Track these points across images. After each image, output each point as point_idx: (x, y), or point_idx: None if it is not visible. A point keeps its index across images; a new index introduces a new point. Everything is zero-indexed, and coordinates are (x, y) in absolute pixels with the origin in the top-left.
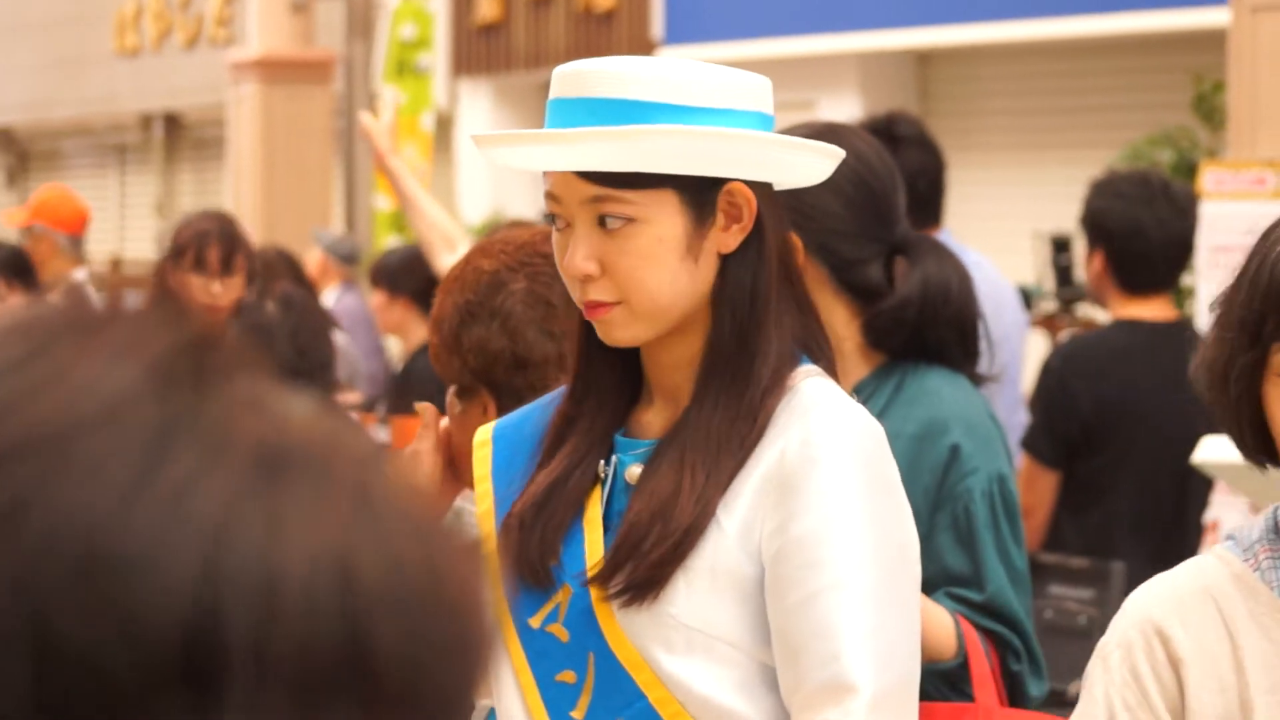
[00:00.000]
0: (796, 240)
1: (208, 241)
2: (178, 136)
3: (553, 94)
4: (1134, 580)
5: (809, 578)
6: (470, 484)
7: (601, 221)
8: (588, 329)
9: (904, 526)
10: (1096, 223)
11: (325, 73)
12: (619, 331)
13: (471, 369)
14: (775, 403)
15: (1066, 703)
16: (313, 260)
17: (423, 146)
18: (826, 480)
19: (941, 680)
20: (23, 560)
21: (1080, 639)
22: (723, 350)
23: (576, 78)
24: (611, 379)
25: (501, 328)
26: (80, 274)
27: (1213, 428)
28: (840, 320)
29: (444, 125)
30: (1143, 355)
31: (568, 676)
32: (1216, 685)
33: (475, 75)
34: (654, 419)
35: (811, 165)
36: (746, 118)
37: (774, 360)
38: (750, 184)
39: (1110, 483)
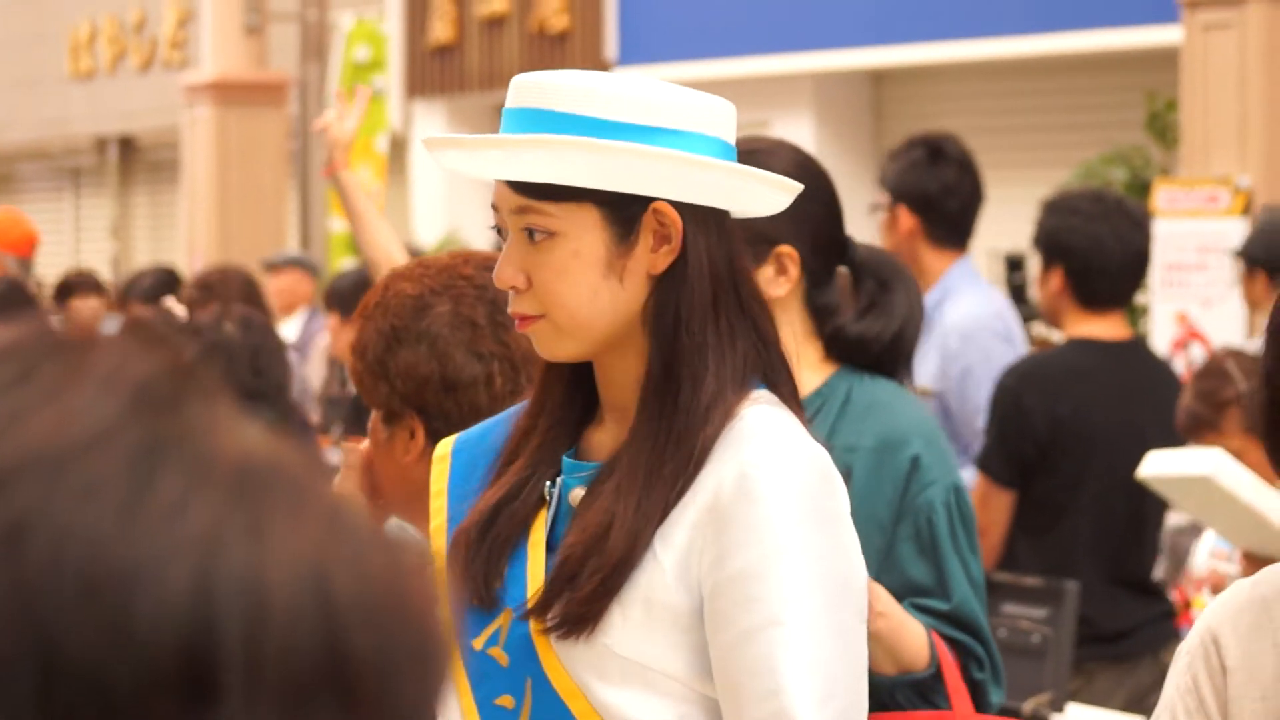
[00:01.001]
0: (792, 252)
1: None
2: (132, 159)
3: (507, 103)
4: (1089, 599)
5: (747, 614)
6: (394, 511)
7: (529, 233)
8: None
9: (847, 559)
10: (1054, 241)
11: (279, 95)
12: (546, 346)
13: (400, 394)
14: (714, 432)
15: None
16: (274, 288)
17: (377, 168)
18: (764, 514)
19: (913, 690)
20: (27, 580)
21: (1034, 657)
22: (654, 376)
23: (517, 88)
24: (563, 395)
25: (430, 351)
26: None
27: (1169, 446)
28: (801, 333)
29: (398, 147)
30: (1098, 374)
31: (506, 701)
32: (1258, 693)
33: (430, 96)
34: (604, 439)
35: (757, 194)
36: (692, 139)
37: (711, 388)
38: (683, 206)
39: (1066, 502)
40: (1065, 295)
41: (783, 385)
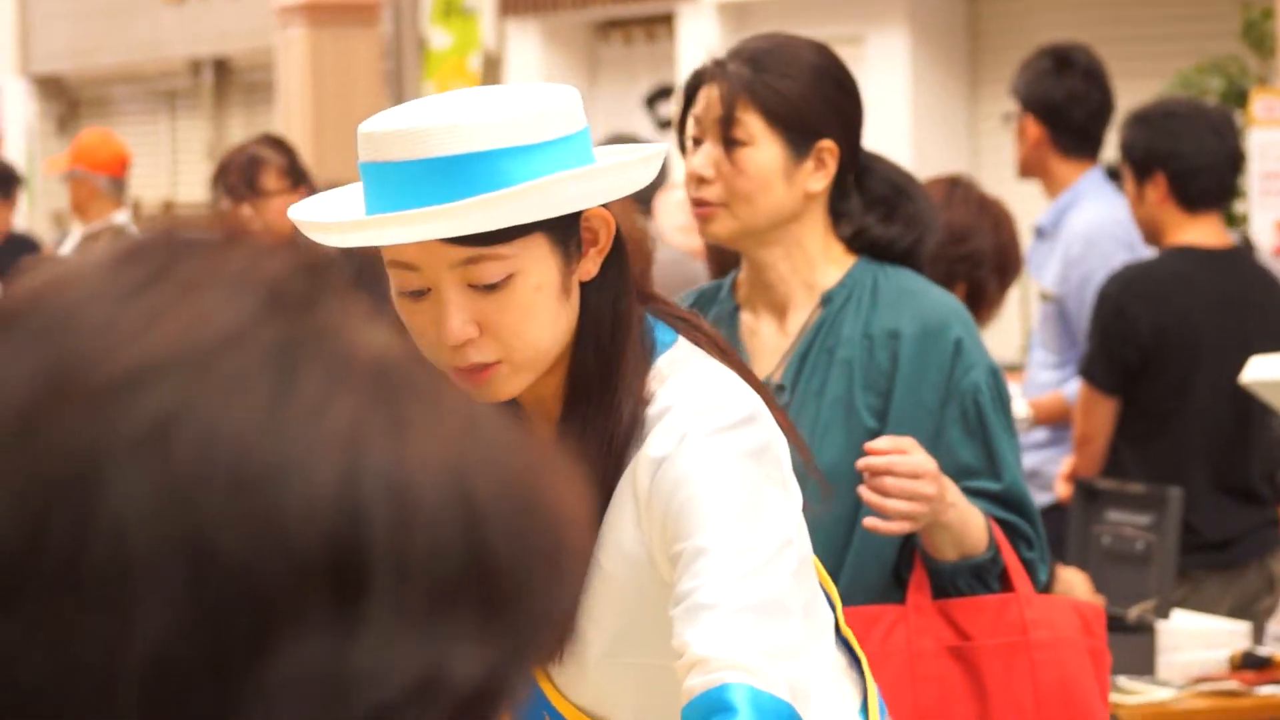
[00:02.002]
0: (833, 147)
1: (230, 166)
2: (227, 81)
3: (378, 156)
4: (1194, 507)
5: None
6: None
7: (473, 283)
8: None
9: (762, 494)
10: (1152, 148)
11: (372, 15)
12: (502, 389)
13: None
14: (631, 426)
15: (1126, 628)
16: None
17: (471, 87)
18: (694, 491)
19: (972, 575)
20: (176, 476)
21: (1138, 565)
22: (585, 383)
23: (406, 138)
24: None
25: None
26: (121, 216)
27: (1273, 352)
28: (823, 228)
29: (492, 66)
30: (1201, 281)
31: None
32: None
33: (523, 15)
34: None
35: (646, 171)
36: (579, 139)
37: (634, 385)
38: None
39: (1171, 410)
40: (1167, 203)
41: (677, 319)
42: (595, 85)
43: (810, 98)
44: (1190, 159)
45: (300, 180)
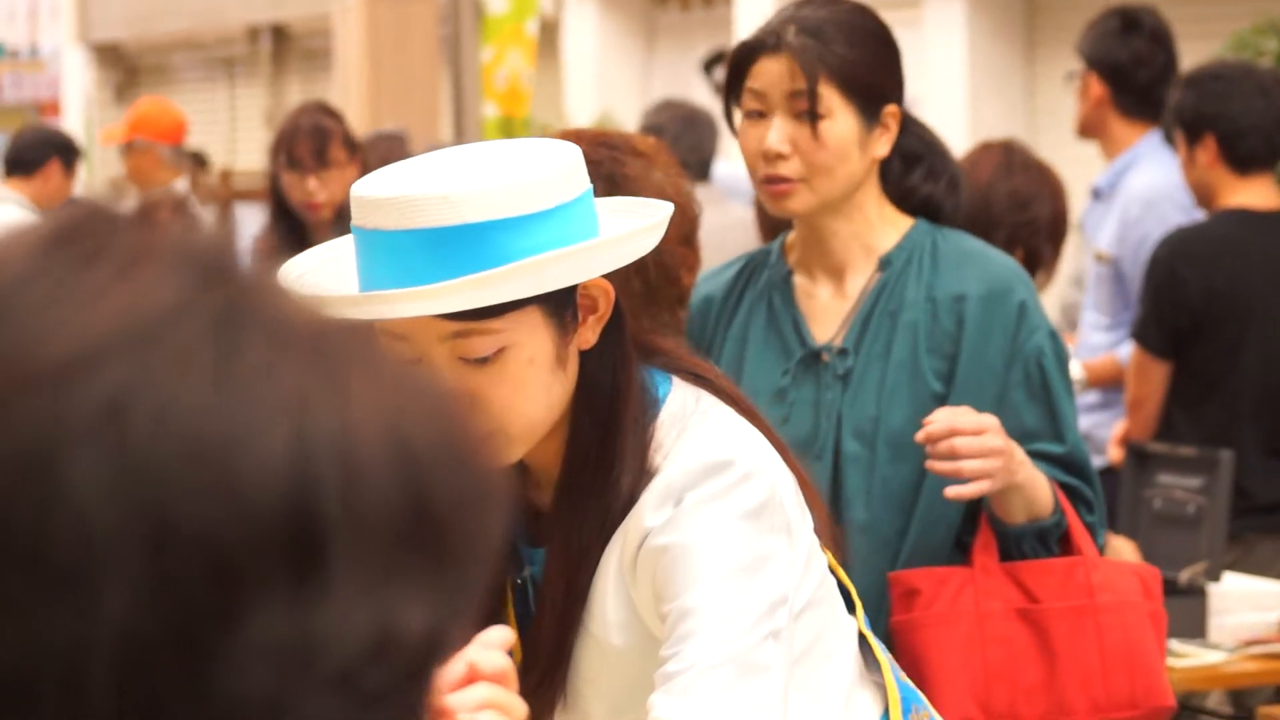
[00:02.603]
0: (896, 111)
1: (297, 137)
2: (285, 48)
3: (368, 223)
4: (1246, 471)
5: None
6: None
7: (464, 356)
8: None
9: (759, 544)
10: (1201, 110)
11: None
12: (498, 460)
13: None
14: (631, 499)
15: (1177, 591)
16: None
17: (528, 53)
18: (688, 552)
19: (1036, 539)
20: (132, 454)
21: (1189, 528)
22: (583, 453)
23: (396, 207)
24: None
25: None
26: (180, 184)
27: None
28: (876, 190)
29: (549, 31)
30: (1253, 244)
31: None
32: None
33: None
34: (548, 507)
35: (649, 240)
36: (580, 206)
37: (633, 458)
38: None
39: (1223, 373)
40: (1217, 165)
41: (675, 364)
42: (652, 51)
43: (876, 65)
44: (1238, 120)
45: (355, 150)
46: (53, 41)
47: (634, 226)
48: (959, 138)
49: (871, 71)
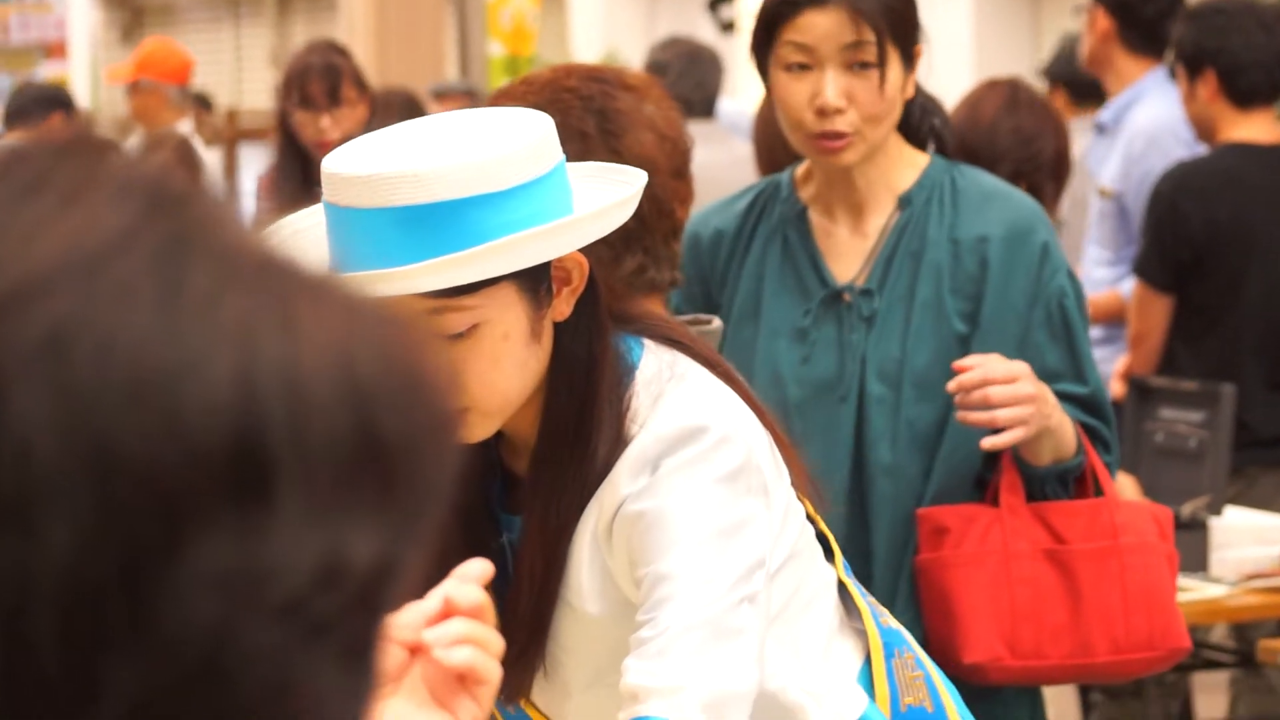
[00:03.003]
0: (920, 48)
1: (310, 76)
2: None
3: (339, 200)
4: (1248, 404)
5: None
6: None
7: (439, 331)
8: None
9: (738, 506)
10: (1201, 44)
11: None
12: (471, 434)
13: None
14: (607, 467)
15: (1179, 525)
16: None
17: None
18: (665, 519)
19: (1058, 481)
20: (76, 386)
21: (1191, 461)
22: (559, 424)
23: (368, 185)
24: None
25: None
26: (185, 125)
27: None
28: (895, 132)
29: None
30: (1254, 178)
31: None
32: None
33: None
34: (526, 474)
35: (621, 214)
36: (553, 179)
37: (610, 428)
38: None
39: (1224, 307)
40: (1217, 99)
41: (651, 330)
42: None
43: (913, 5)
44: (1238, 54)
45: (365, 88)
46: None
47: (607, 201)
48: (965, 76)
49: (912, 12)
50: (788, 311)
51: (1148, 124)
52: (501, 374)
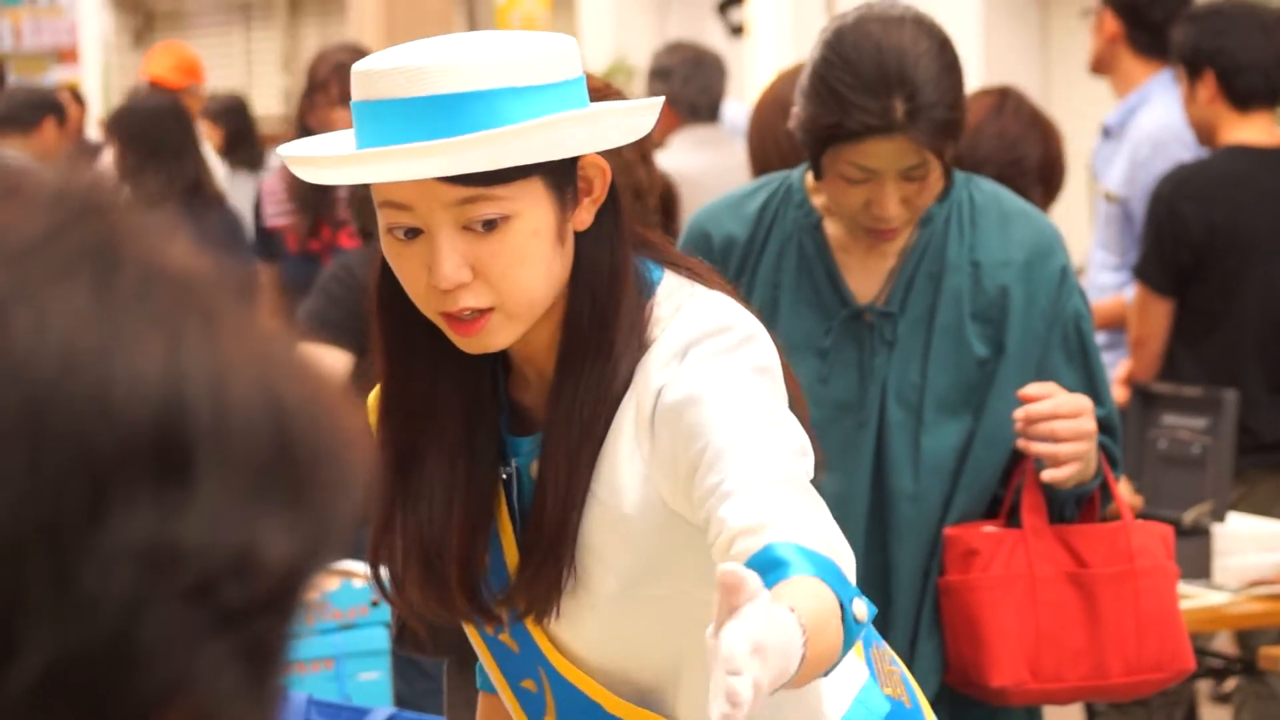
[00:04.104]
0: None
1: (345, 73)
2: None
3: (373, 94)
4: (1250, 409)
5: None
6: None
7: (480, 224)
8: (399, 336)
9: (772, 396)
10: (1200, 45)
11: None
12: (494, 340)
13: None
14: (629, 376)
15: (1182, 532)
16: None
17: None
18: (699, 405)
19: (1076, 504)
20: (13, 355)
21: (1194, 468)
22: (581, 334)
23: (403, 75)
24: (440, 385)
25: None
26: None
27: None
28: None
29: None
30: (1254, 180)
31: (529, 685)
32: None
33: None
34: (535, 400)
35: (647, 118)
36: (576, 85)
37: (630, 338)
38: (603, 152)
39: (1225, 310)
40: (1217, 101)
41: (668, 259)
42: None
43: (963, 107)
44: (1236, 56)
45: None
46: None
47: (630, 105)
48: (973, 77)
49: (962, 112)
50: (807, 327)
51: (1153, 128)
52: (529, 271)
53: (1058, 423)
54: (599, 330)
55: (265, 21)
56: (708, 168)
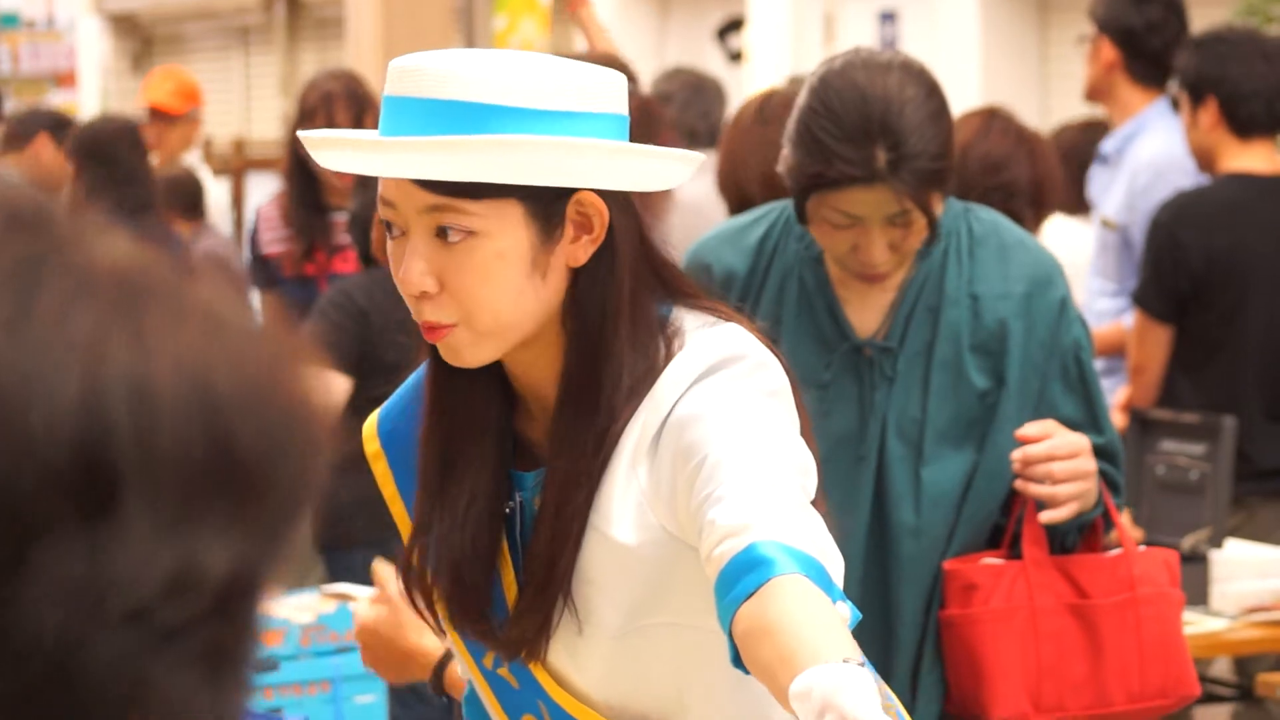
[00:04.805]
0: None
1: (335, 102)
2: (299, 16)
3: (389, 90)
4: (1249, 436)
5: (700, 470)
6: None
7: (440, 233)
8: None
9: (778, 420)
10: (1203, 72)
11: None
12: (463, 354)
13: None
14: (630, 415)
15: (1181, 559)
16: None
17: (541, 21)
18: (701, 425)
19: (1076, 531)
20: None
21: (1192, 494)
22: (573, 375)
23: (415, 75)
24: (480, 394)
25: None
26: (193, 155)
27: None
28: None
29: None
30: (1254, 208)
31: None
32: None
33: None
34: (540, 435)
35: (666, 171)
36: (598, 121)
37: (627, 382)
38: (603, 192)
39: (1224, 338)
40: (1218, 128)
41: (691, 298)
42: (666, 16)
43: (950, 155)
44: (1238, 83)
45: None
46: (69, 12)
47: (648, 150)
48: (972, 103)
49: (950, 159)
50: (807, 361)
51: (1154, 156)
52: (490, 291)
53: (1055, 464)
54: (591, 371)
55: (264, 46)
56: (706, 194)
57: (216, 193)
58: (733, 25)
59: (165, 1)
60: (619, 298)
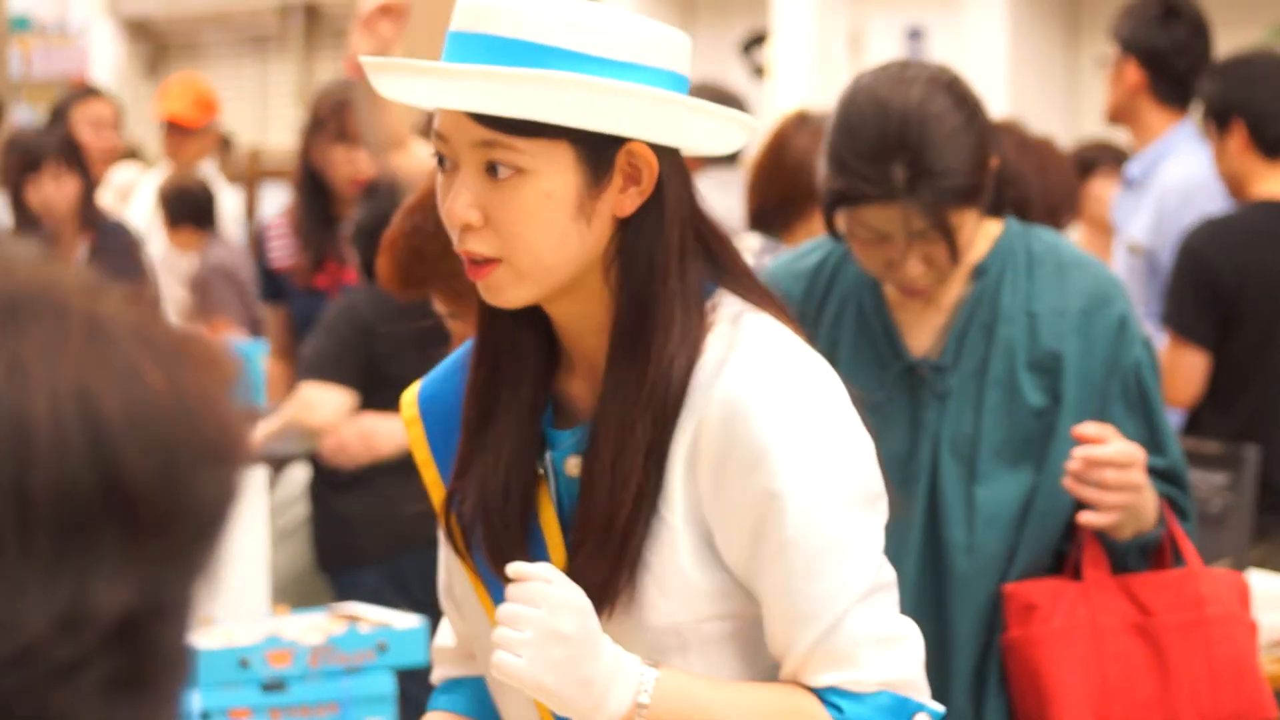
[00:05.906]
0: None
1: (346, 111)
2: (316, 26)
3: (454, 26)
4: (1271, 464)
5: (770, 534)
6: None
7: (490, 169)
8: None
9: (846, 445)
10: (1230, 96)
11: None
12: (504, 293)
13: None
14: (685, 375)
15: None
16: None
17: None
18: (758, 439)
19: (1139, 552)
20: None
21: (1213, 525)
22: (624, 326)
23: (478, 12)
24: (522, 345)
25: None
26: (208, 164)
27: None
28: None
29: None
30: None
31: None
32: None
33: None
34: (581, 391)
35: (721, 132)
36: (656, 75)
37: (677, 336)
38: (657, 147)
39: (1251, 367)
40: (1247, 152)
41: (741, 282)
42: (690, 30)
43: (982, 158)
44: (1265, 105)
45: None
46: (82, 16)
47: (699, 104)
48: (1001, 101)
49: (981, 175)
50: (862, 382)
51: (1181, 180)
52: (534, 230)
53: (1109, 471)
54: (642, 320)
55: (280, 53)
56: (729, 211)
57: (232, 202)
58: (757, 40)
59: (181, 7)
60: (666, 254)
